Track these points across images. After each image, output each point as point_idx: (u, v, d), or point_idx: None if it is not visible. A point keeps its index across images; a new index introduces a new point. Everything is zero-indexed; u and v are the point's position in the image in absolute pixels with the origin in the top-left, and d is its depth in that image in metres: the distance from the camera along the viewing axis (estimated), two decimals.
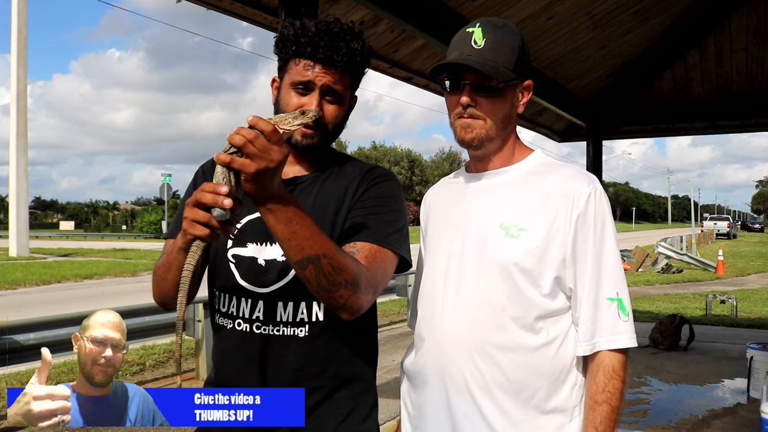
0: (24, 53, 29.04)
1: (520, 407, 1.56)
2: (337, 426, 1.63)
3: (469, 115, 1.63)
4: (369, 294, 1.50)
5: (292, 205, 1.35)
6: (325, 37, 1.57)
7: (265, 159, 1.26)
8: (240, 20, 3.90)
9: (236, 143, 1.26)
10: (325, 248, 1.38)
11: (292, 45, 1.60)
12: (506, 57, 1.61)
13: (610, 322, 1.56)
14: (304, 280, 1.41)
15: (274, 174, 1.29)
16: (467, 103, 1.62)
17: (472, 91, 1.61)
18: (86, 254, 30.31)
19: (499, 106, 1.63)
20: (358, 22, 4.49)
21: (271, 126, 1.28)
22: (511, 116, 1.68)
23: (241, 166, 1.27)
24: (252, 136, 1.26)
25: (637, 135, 9.19)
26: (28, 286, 17.38)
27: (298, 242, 1.35)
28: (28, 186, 29.89)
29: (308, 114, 1.37)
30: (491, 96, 1.62)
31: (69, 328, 5.91)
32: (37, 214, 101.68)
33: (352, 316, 1.50)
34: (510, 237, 1.59)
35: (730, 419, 5.67)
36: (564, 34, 6.03)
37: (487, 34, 1.61)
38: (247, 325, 1.62)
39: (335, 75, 1.60)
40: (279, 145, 1.28)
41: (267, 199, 1.32)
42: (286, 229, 1.35)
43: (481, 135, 1.63)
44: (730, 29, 6.81)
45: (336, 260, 1.39)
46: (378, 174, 1.69)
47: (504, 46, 1.62)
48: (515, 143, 1.72)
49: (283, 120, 1.35)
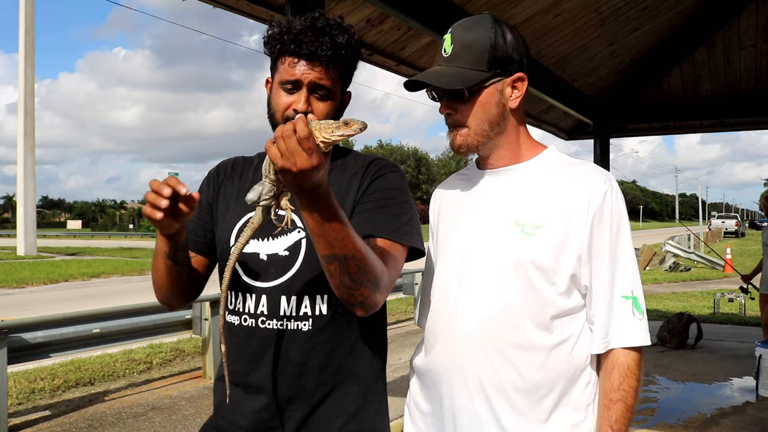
0: (32, 52, 29.17)
1: (535, 407, 1.55)
2: (345, 423, 1.62)
3: (451, 124, 1.64)
4: (386, 292, 1.51)
5: (326, 206, 1.31)
6: (308, 32, 1.57)
7: (290, 161, 1.23)
8: (246, 17, 3.89)
9: (275, 134, 1.25)
10: (355, 251, 1.37)
11: (278, 43, 1.61)
12: (475, 58, 1.58)
13: (624, 320, 1.55)
14: (327, 273, 1.40)
15: (297, 177, 1.25)
16: (446, 113, 1.63)
17: (448, 100, 1.62)
18: (93, 253, 30.44)
19: (479, 109, 1.61)
20: (364, 20, 4.48)
21: (306, 132, 1.23)
22: (501, 115, 1.63)
23: (272, 157, 1.26)
24: (286, 134, 1.23)
25: (644, 133, 9.14)
26: (35, 285, 17.48)
27: (329, 240, 1.34)
28: (35, 185, 30.05)
29: (352, 126, 1.30)
30: (466, 102, 1.61)
31: (76, 327, 5.94)
32: (45, 213, 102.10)
33: (366, 314, 1.50)
34: (526, 234, 1.56)
35: (739, 417, 5.64)
36: (571, 32, 6.00)
37: (455, 40, 1.61)
38: (252, 320, 1.62)
39: (321, 70, 1.59)
40: (308, 153, 1.23)
41: (299, 194, 1.31)
42: (317, 228, 1.34)
43: (468, 141, 1.63)
44: (739, 26, 6.76)
45: (363, 262, 1.39)
46: (381, 166, 1.68)
47: (473, 47, 1.59)
48: (522, 139, 1.69)
49: (325, 128, 1.28)
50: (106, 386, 6.80)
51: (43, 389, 6.52)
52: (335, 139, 1.29)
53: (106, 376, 7.12)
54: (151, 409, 5.95)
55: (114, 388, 6.72)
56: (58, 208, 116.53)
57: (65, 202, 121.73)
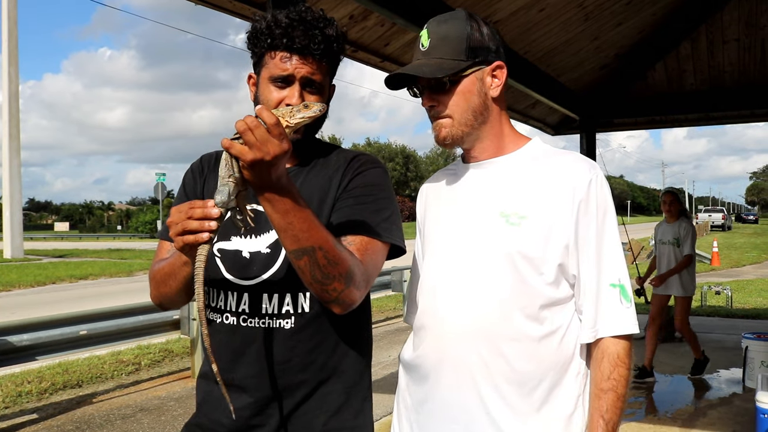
0: (15, 53, 28.93)
1: (525, 398, 1.55)
2: (328, 420, 1.61)
3: (434, 116, 1.64)
4: (362, 288, 1.49)
5: (291, 197, 1.34)
6: (299, 26, 1.56)
7: (262, 150, 1.25)
8: (229, 15, 3.87)
9: (238, 129, 1.26)
10: (322, 241, 1.37)
11: (267, 38, 1.58)
12: (453, 48, 1.60)
13: (612, 308, 1.55)
14: (299, 270, 1.41)
15: (270, 166, 1.27)
16: (428, 105, 1.64)
17: (430, 92, 1.63)
18: (81, 255, 30.21)
19: (461, 98, 1.62)
20: (347, 16, 4.47)
21: (275, 118, 1.27)
22: (484, 104, 1.64)
23: (238, 153, 1.27)
24: (253, 125, 1.25)
25: (630, 127, 9.19)
26: (22, 288, 17.32)
27: (294, 233, 1.35)
28: (21, 187, 29.81)
29: (312, 108, 1.36)
30: (448, 92, 1.61)
31: (63, 329, 5.89)
32: (32, 215, 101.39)
33: (344, 311, 1.49)
34: (511, 225, 1.56)
35: (726, 409, 5.68)
36: (556, 26, 6.02)
37: (431, 34, 1.62)
38: (234, 318, 1.61)
39: (313, 65, 1.58)
40: (279, 139, 1.27)
41: (264, 189, 1.32)
42: (283, 220, 1.34)
43: (453, 132, 1.63)
44: (723, 20, 6.80)
45: (332, 253, 1.39)
46: (362, 162, 1.68)
47: (449, 38, 1.60)
48: (506, 131, 1.69)
49: (288, 113, 1.35)
50: (94, 388, 6.76)
51: (30, 392, 6.47)
52: (298, 122, 1.35)
53: (94, 378, 7.08)
54: (140, 410, 5.92)
55: (102, 390, 6.68)
56: (45, 210, 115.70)
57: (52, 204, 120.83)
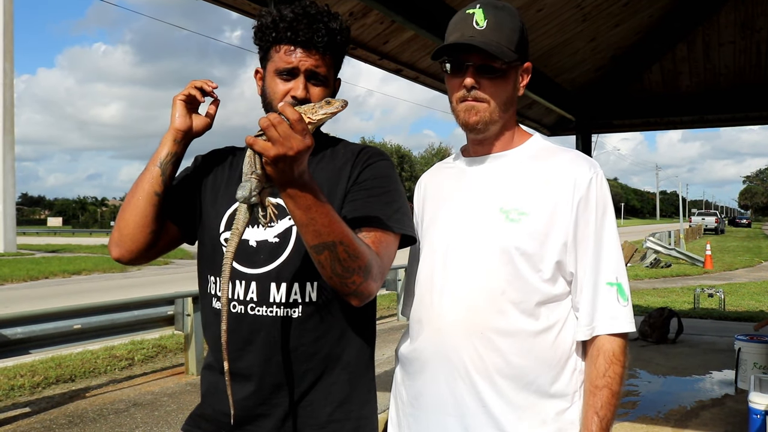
0: (10, 47, 28.81)
1: (520, 393, 1.55)
2: (334, 411, 1.62)
3: (473, 98, 1.61)
4: (378, 280, 1.51)
5: (312, 193, 1.35)
6: (303, 20, 1.58)
7: (285, 146, 1.27)
8: (228, 9, 3.86)
9: (261, 125, 1.28)
10: (342, 235, 1.39)
11: (272, 32, 1.61)
12: (508, 37, 1.59)
13: (609, 306, 1.55)
14: (318, 265, 1.42)
15: (293, 161, 1.29)
16: (471, 85, 1.59)
17: (475, 72, 1.59)
18: (74, 250, 30.09)
19: (502, 87, 1.62)
20: (347, 13, 4.46)
21: (297, 114, 1.29)
22: (513, 99, 1.66)
23: (262, 149, 1.29)
24: (276, 121, 1.27)
25: (626, 129, 9.20)
26: (15, 282, 17.27)
27: (316, 228, 1.37)
28: (14, 182, 29.71)
29: (333, 104, 1.38)
30: (495, 77, 1.60)
31: (57, 323, 5.87)
32: (25, 210, 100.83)
33: (361, 303, 1.51)
34: (511, 221, 1.57)
35: (718, 410, 5.70)
36: (553, 27, 6.02)
37: (488, 15, 1.59)
38: (242, 307, 1.61)
39: (317, 57, 1.60)
40: (302, 135, 1.28)
41: (287, 185, 1.33)
42: (305, 215, 1.36)
43: (486, 118, 1.62)
44: (719, 23, 6.82)
45: (352, 247, 1.41)
46: (371, 154, 1.69)
47: (505, 26, 1.60)
48: (515, 127, 1.71)
49: (311, 109, 1.37)
50: (87, 383, 6.74)
51: (22, 386, 6.45)
52: (320, 118, 1.37)
53: (87, 373, 7.06)
54: (133, 405, 5.91)
55: (95, 385, 6.67)
56: (38, 205, 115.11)
57: (45, 200, 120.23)
